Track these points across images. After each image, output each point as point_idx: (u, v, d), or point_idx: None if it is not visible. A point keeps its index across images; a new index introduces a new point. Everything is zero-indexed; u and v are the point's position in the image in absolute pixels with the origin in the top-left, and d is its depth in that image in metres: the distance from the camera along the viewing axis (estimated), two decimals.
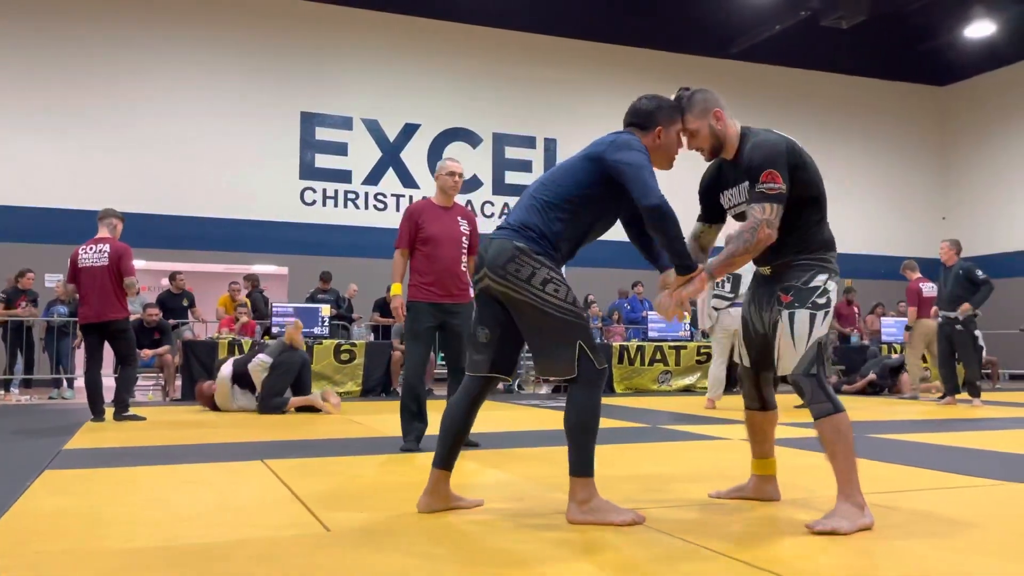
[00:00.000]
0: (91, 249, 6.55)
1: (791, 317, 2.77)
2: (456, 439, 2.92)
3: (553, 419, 6.86)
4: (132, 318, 9.56)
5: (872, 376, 10.48)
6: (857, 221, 17.99)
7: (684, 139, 2.97)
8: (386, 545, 2.47)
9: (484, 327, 2.88)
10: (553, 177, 2.90)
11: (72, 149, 13.24)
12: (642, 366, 11.01)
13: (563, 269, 2.86)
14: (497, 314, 2.85)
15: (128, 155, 13.47)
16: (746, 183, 2.82)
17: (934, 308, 9.11)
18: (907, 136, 18.84)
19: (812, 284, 2.80)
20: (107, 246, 6.52)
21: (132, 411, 6.65)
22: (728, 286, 7.67)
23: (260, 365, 7.33)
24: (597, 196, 2.83)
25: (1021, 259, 17.14)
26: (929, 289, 9.62)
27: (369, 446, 4.96)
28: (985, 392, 11.51)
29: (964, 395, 8.71)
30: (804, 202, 2.83)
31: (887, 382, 10.52)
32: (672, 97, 2.97)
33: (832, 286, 2.82)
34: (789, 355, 2.77)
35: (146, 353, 9.20)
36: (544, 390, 11.14)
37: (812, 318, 2.76)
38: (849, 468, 2.70)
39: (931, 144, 19.14)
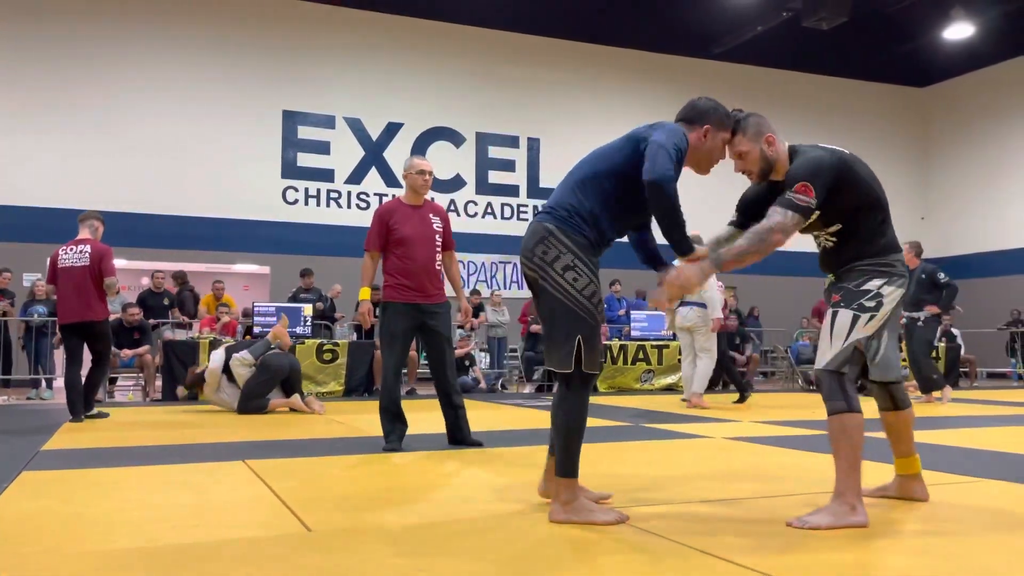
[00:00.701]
0: (72, 250, 6.52)
1: (834, 315, 2.83)
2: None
3: (537, 419, 6.86)
4: (112, 318, 9.53)
5: None
6: None
7: (729, 155, 2.96)
8: (368, 545, 2.46)
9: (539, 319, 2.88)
10: (591, 157, 2.89)
11: (52, 148, 13.10)
12: (625, 365, 11.04)
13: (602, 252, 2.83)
14: None
15: (109, 154, 13.35)
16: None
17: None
18: (887, 136, 19.01)
19: (864, 287, 2.83)
20: (88, 247, 6.50)
21: (97, 409, 6.73)
22: None
23: (242, 362, 7.22)
24: (633, 175, 2.75)
25: (999, 259, 17.34)
26: None
27: (351, 446, 4.94)
28: (963, 390, 11.67)
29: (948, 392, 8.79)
30: (861, 210, 2.85)
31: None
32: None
33: (888, 291, 2.82)
34: (824, 350, 2.81)
35: (126, 353, 9.12)
36: (528, 389, 11.15)
37: (855, 319, 2.79)
38: (849, 468, 2.70)
39: (910, 144, 19.33)
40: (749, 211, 3.08)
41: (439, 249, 4.84)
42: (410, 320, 4.70)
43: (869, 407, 2.81)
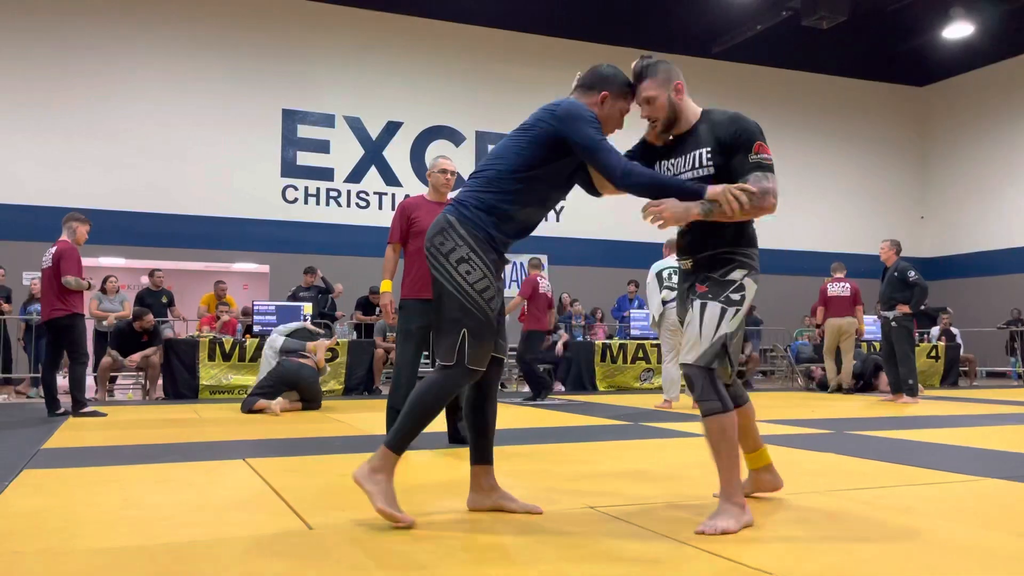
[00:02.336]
0: (47, 252, 6.83)
1: (702, 308, 2.72)
2: (475, 431, 2.92)
3: (538, 417, 6.87)
4: (117, 315, 9.53)
5: (852, 364, 10.58)
6: (836, 220, 18.15)
7: (637, 101, 2.85)
8: (369, 544, 2.46)
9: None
10: (498, 151, 2.81)
11: (51, 146, 13.09)
12: (624, 364, 11.05)
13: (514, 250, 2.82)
14: None
15: (108, 153, 13.34)
16: (706, 150, 2.73)
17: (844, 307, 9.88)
18: (886, 136, 19.01)
19: (729, 278, 2.74)
20: (55, 248, 6.78)
21: (92, 407, 6.87)
22: (676, 278, 7.64)
23: (271, 344, 7.70)
24: (545, 166, 2.73)
25: (998, 257, 17.35)
26: (840, 289, 10.19)
27: (352, 445, 4.94)
28: (963, 389, 11.68)
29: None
30: None
31: (868, 378, 10.61)
32: (632, 64, 2.87)
33: (749, 283, 2.75)
34: (693, 345, 2.71)
35: (132, 360, 9.04)
36: (527, 388, 11.13)
37: (723, 312, 2.70)
38: (732, 468, 2.68)
39: (910, 144, 19.32)
40: (639, 156, 2.97)
41: None
42: (426, 318, 4.71)
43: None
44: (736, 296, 2.72)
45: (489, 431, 2.93)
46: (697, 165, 2.76)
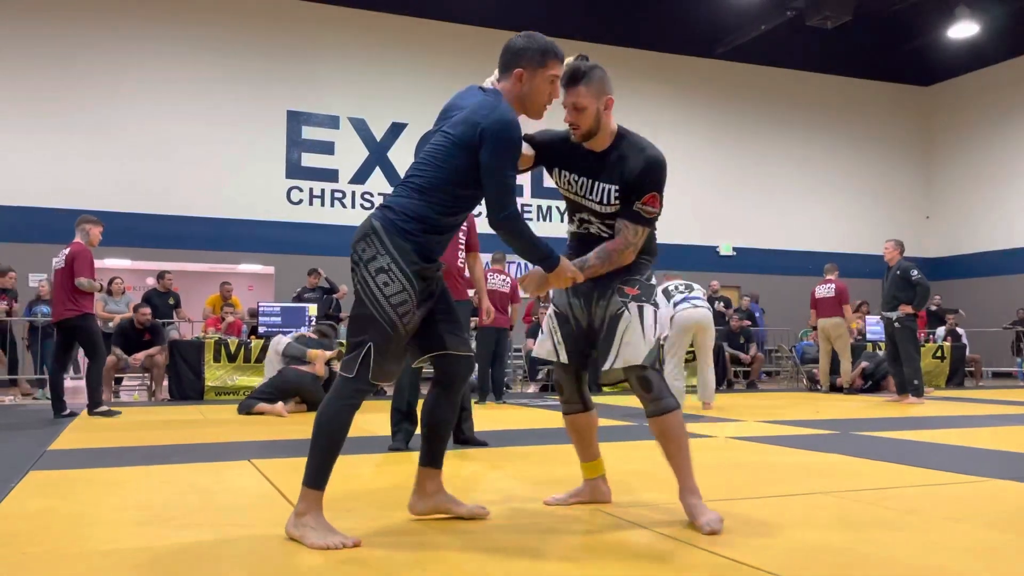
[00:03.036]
0: (60, 254, 6.95)
1: (640, 310, 2.75)
2: (428, 430, 2.81)
3: (542, 418, 6.86)
4: (121, 318, 9.56)
5: (864, 364, 10.58)
6: (841, 220, 18.11)
7: (563, 102, 2.77)
8: (374, 544, 2.46)
9: None
10: (426, 158, 2.62)
11: (56, 148, 13.13)
12: None
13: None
14: None
15: (113, 154, 13.38)
16: (615, 188, 2.74)
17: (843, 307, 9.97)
18: (891, 136, 18.96)
19: (651, 280, 2.86)
20: (68, 250, 6.89)
21: (107, 407, 6.91)
22: (683, 289, 7.65)
23: (275, 346, 7.84)
24: (463, 188, 2.59)
25: (1004, 258, 17.30)
26: (826, 290, 10.23)
27: (357, 446, 4.93)
28: (968, 390, 11.64)
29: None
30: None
31: (879, 379, 10.59)
32: (568, 59, 2.75)
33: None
34: (639, 346, 2.71)
35: (136, 358, 9.09)
36: (532, 389, 11.15)
37: (655, 315, 2.78)
38: (689, 462, 2.75)
39: (915, 144, 19.27)
40: (542, 153, 2.90)
41: (463, 247, 4.85)
42: None
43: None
44: (656, 300, 2.84)
45: (443, 432, 2.81)
46: (604, 201, 2.77)
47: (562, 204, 16.33)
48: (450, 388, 2.76)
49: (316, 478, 2.49)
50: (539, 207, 15.99)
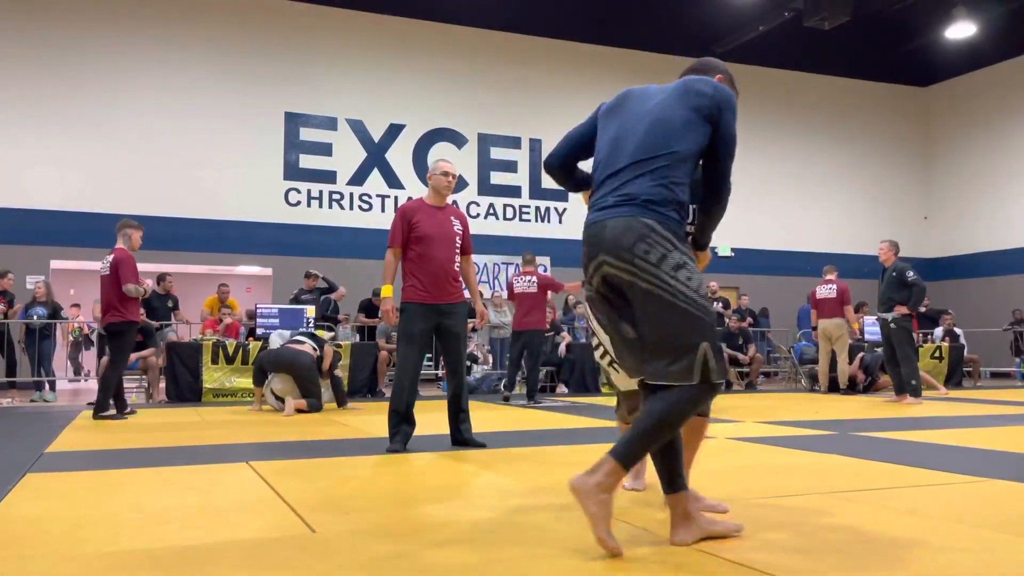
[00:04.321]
0: (104, 260, 7.06)
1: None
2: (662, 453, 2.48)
3: (540, 420, 6.86)
4: None
5: (861, 355, 10.61)
6: (840, 221, 18.13)
7: None
8: (372, 546, 2.46)
9: (624, 322, 2.44)
10: (655, 135, 2.45)
11: (54, 150, 13.12)
12: None
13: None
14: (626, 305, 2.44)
15: (110, 157, 13.37)
16: None
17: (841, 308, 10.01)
18: (889, 136, 18.99)
19: None
20: (112, 256, 6.97)
21: (112, 411, 6.99)
22: None
23: (279, 334, 8.24)
24: (703, 156, 2.51)
25: (1003, 258, 17.32)
26: (827, 291, 10.21)
27: (356, 447, 4.94)
28: (966, 390, 11.65)
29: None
30: None
31: (876, 374, 10.61)
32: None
33: None
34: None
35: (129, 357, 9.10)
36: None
37: None
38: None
39: (913, 144, 19.30)
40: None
41: (458, 251, 4.87)
42: (428, 321, 4.73)
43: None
44: None
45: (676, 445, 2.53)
46: None
47: (560, 205, 16.40)
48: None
49: (631, 458, 2.29)
50: (537, 208, 15.99)
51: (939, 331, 13.82)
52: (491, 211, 15.67)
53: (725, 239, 16.87)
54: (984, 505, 3.08)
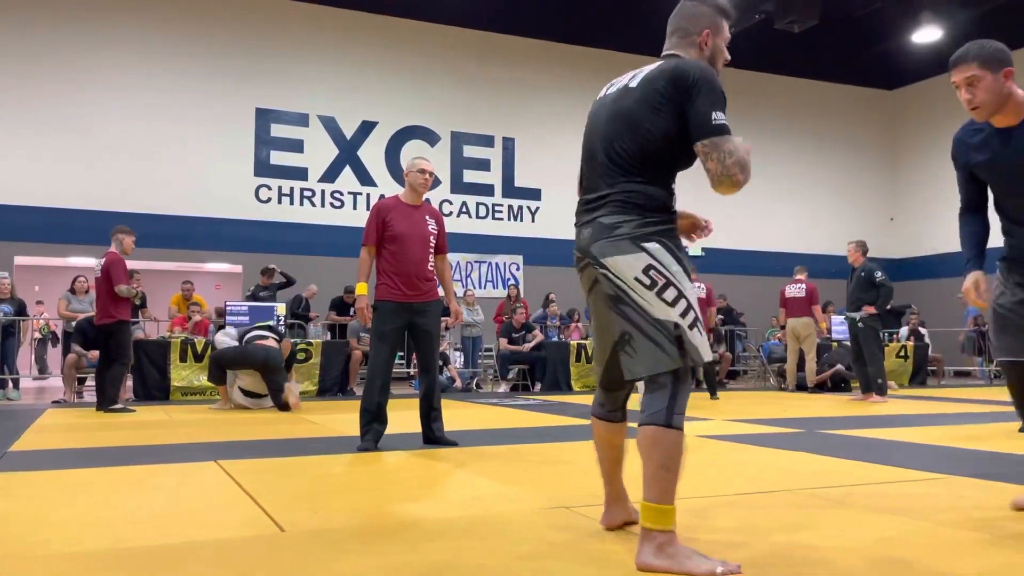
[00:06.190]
0: (98, 262, 7.46)
1: None
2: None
3: (511, 418, 6.87)
4: (81, 317, 9.40)
5: (839, 367, 10.71)
6: (807, 221, 18.35)
7: (954, 81, 2.75)
8: (342, 545, 2.45)
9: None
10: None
11: (22, 146, 12.88)
12: None
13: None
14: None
15: (79, 152, 13.15)
16: None
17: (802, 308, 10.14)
18: (856, 138, 19.25)
19: None
20: (104, 259, 7.35)
21: (122, 404, 7.47)
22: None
23: (226, 332, 8.24)
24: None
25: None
26: (796, 290, 10.42)
27: (326, 446, 4.91)
28: (931, 389, 11.85)
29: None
30: None
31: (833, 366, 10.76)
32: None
33: None
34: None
35: (93, 355, 8.97)
36: (503, 388, 11.15)
37: None
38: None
39: (880, 146, 19.59)
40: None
41: (432, 250, 4.85)
42: (400, 320, 4.71)
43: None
44: None
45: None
46: None
47: (532, 204, 16.47)
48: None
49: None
50: (510, 207, 16.00)
51: (904, 331, 14.04)
52: (464, 209, 15.65)
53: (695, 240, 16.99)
54: (948, 501, 3.13)
